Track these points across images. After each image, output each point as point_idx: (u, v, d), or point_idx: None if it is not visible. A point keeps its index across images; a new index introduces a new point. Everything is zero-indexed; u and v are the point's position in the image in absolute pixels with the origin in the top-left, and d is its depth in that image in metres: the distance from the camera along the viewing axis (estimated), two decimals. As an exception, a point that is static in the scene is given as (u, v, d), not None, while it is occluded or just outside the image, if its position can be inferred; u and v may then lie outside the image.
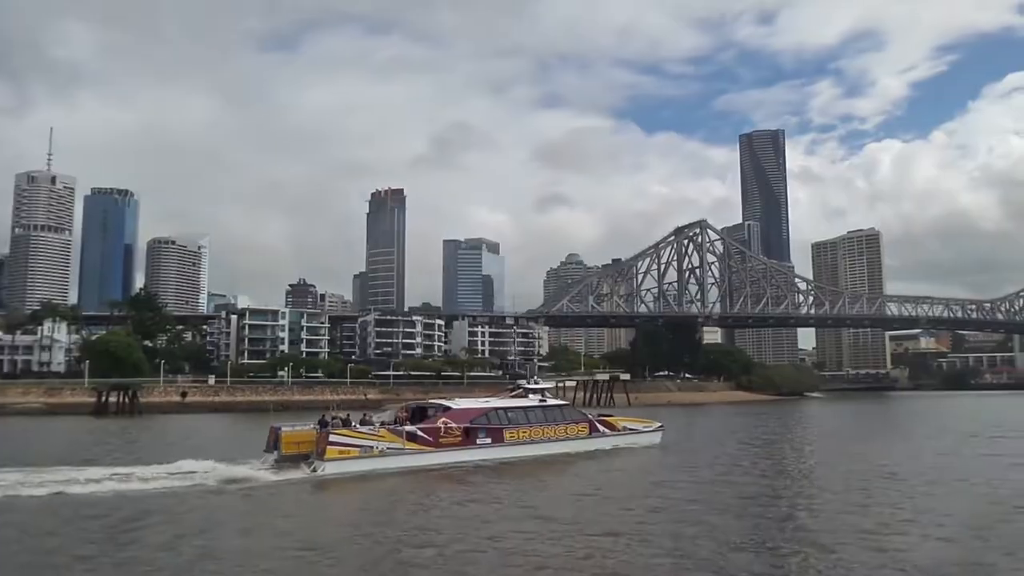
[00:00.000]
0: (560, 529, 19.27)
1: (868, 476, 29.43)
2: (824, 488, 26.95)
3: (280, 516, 21.77)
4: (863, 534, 18.38)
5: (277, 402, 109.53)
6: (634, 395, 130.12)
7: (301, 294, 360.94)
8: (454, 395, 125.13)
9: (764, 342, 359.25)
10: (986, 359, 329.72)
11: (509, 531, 19.07)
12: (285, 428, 31.11)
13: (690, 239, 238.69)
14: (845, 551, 16.68)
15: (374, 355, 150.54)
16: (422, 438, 32.11)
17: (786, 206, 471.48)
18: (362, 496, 26.80)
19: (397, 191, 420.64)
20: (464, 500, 24.41)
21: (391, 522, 20.62)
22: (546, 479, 30.37)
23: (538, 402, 38.83)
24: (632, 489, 27.12)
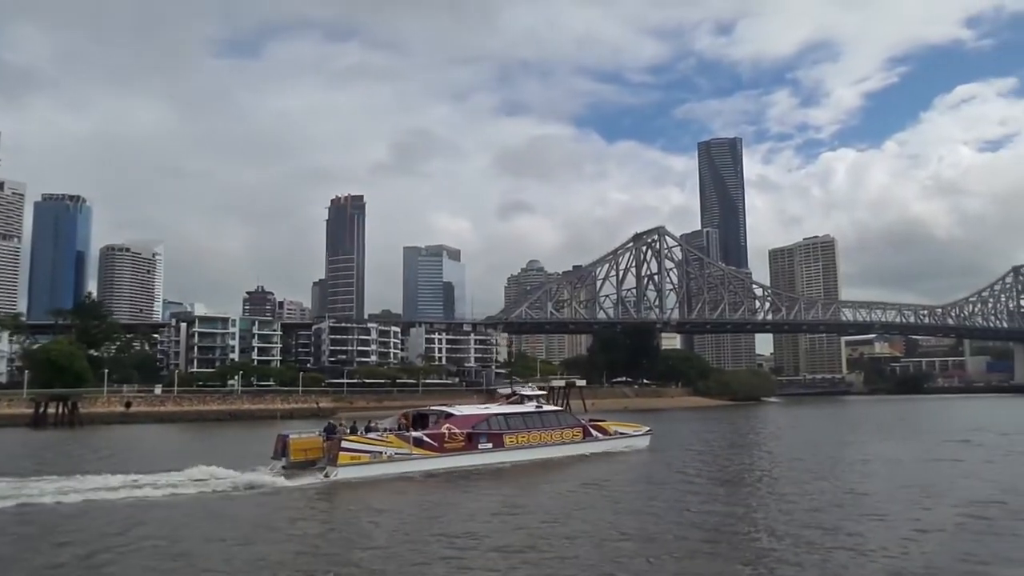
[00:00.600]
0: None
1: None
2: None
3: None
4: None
5: (225, 411, 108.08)
6: (591, 401, 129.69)
7: (259, 302, 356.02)
8: (408, 402, 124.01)
9: (723, 348, 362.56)
10: (938, 363, 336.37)
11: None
12: (293, 435, 32.00)
13: (648, 246, 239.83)
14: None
15: (328, 363, 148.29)
16: (428, 443, 33.42)
17: (744, 213, 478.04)
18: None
19: (357, 198, 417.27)
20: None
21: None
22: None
23: (535, 408, 40.18)
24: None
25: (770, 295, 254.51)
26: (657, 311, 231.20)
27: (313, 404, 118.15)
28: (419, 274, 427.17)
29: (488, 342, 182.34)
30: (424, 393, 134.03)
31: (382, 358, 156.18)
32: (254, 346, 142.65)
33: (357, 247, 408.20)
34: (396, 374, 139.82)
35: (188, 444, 61.49)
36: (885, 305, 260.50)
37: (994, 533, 19.01)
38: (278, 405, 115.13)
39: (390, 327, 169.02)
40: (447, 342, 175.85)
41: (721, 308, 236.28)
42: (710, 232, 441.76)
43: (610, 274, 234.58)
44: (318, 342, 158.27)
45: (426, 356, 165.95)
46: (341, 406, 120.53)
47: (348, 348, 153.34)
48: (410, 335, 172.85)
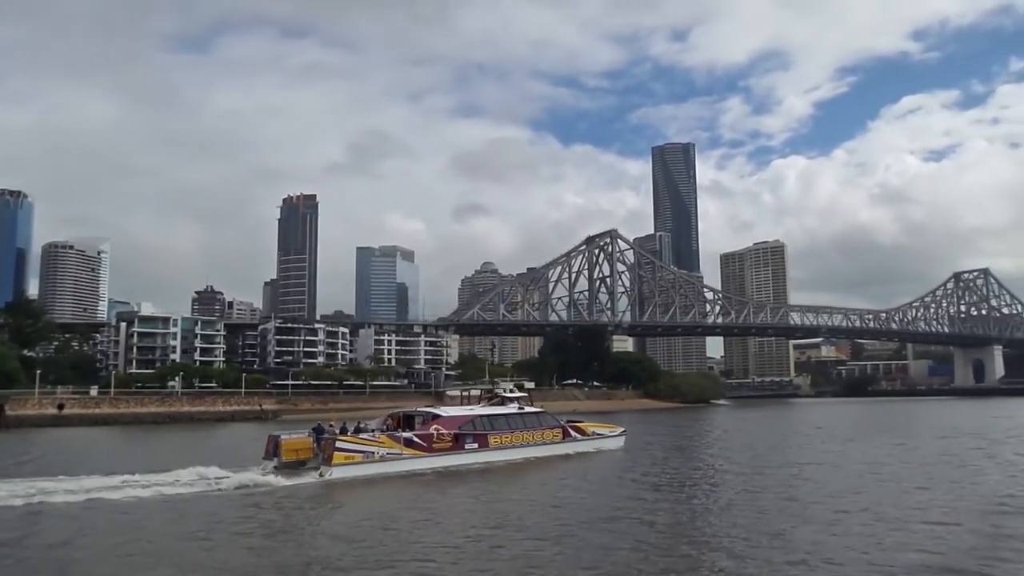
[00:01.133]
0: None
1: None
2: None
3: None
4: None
5: (164, 413, 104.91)
6: (540, 403, 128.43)
7: (208, 301, 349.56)
8: (355, 404, 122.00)
9: (674, 350, 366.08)
10: (883, 367, 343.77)
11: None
12: (284, 436, 33.12)
13: (601, 248, 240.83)
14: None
15: (274, 364, 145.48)
16: (417, 444, 34.49)
17: (696, 218, 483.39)
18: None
19: (310, 197, 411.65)
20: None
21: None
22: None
23: (517, 409, 41.59)
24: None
25: (720, 299, 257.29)
26: (609, 314, 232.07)
27: (256, 406, 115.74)
28: (372, 275, 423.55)
29: (439, 344, 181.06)
30: (371, 395, 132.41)
31: (330, 359, 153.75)
32: (196, 347, 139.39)
33: (309, 247, 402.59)
34: (343, 376, 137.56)
35: (121, 447, 59.39)
36: (832, 309, 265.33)
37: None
38: (219, 407, 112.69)
39: (338, 328, 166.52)
40: (397, 344, 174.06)
41: (672, 311, 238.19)
42: (663, 236, 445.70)
43: (563, 276, 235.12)
44: (264, 343, 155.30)
45: (375, 358, 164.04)
46: (285, 408, 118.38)
47: (294, 349, 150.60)
48: (359, 336, 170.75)
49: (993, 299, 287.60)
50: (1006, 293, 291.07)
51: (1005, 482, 28.85)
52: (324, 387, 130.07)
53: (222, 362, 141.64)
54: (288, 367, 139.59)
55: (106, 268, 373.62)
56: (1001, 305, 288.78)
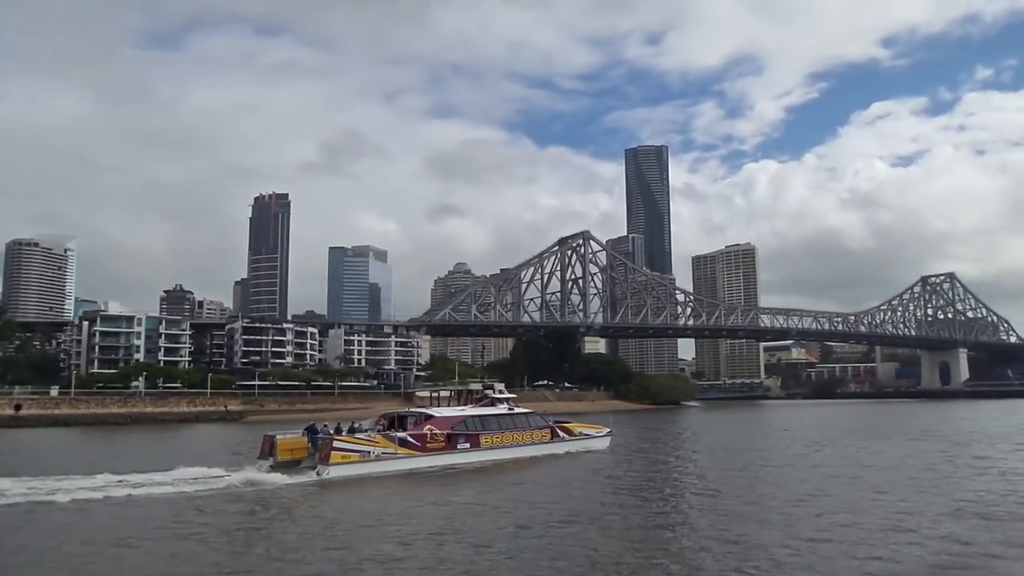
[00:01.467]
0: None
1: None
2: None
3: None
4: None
5: (126, 414, 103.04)
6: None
7: (177, 301, 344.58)
8: (322, 405, 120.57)
9: (646, 352, 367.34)
10: (851, 369, 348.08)
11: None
12: (279, 436, 33.56)
13: (573, 250, 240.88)
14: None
15: (241, 364, 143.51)
16: (412, 443, 35.13)
17: (669, 220, 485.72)
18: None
19: (282, 196, 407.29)
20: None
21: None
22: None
23: (507, 410, 42.70)
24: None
25: (692, 301, 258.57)
26: (581, 315, 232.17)
27: (221, 407, 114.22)
28: (344, 275, 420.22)
29: (409, 344, 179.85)
30: (340, 396, 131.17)
31: (298, 360, 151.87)
32: (161, 346, 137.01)
33: (281, 246, 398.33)
34: (311, 376, 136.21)
35: (79, 449, 57.95)
36: (802, 312, 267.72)
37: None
38: (183, 408, 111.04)
39: (307, 328, 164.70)
40: (367, 344, 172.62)
41: (644, 313, 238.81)
42: (636, 238, 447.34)
43: (535, 277, 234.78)
44: (231, 343, 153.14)
45: (345, 358, 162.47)
46: (251, 409, 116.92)
47: (262, 349, 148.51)
48: (329, 337, 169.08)
49: (959, 303, 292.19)
50: (971, 297, 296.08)
51: (963, 485, 28.74)
52: (291, 388, 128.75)
53: (188, 362, 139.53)
54: (255, 367, 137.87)
55: (73, 266, 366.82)
56: (966, 309, 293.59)
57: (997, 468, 34.53)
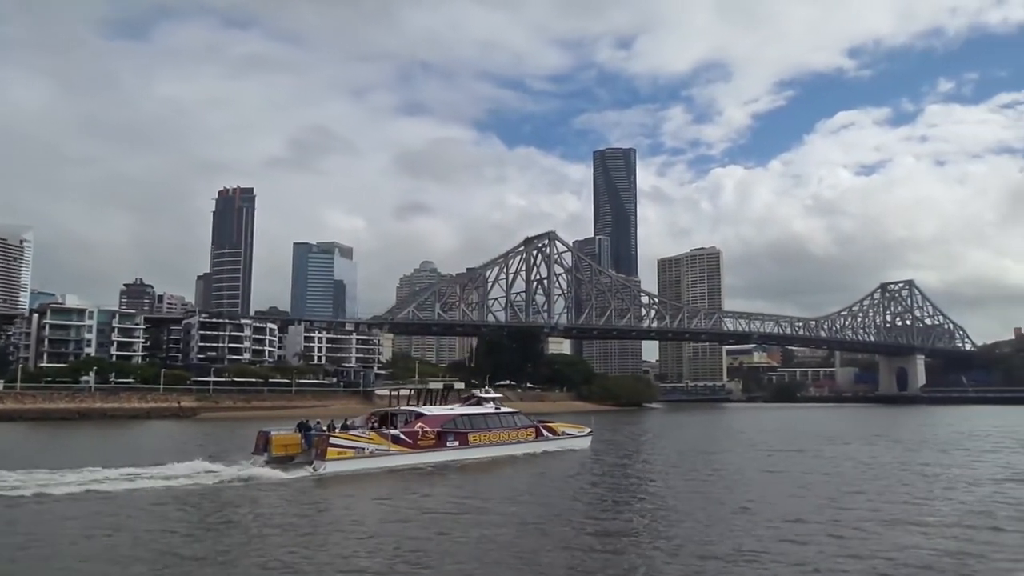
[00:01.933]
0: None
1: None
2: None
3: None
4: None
5: (74, 410, 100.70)
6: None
7: (137, 295, 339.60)
8: (279, 403, 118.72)
9: (611, 354, 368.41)
10: (811, 373, 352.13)
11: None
12: (274, 432, 35.11)
13: (539, 250, 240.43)
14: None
15: (197, 360, 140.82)
16: (404, 440, 36.43)
17: (635, 222, 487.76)
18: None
19: (247, 190, 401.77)
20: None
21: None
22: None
23: (494, 410, 43.78)
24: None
25: (656, 303, 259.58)
26: (545, 316, 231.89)
27: (175, 403, 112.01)
28: (309, 271, 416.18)
29: (371, 342, 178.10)
30: (297, 393, 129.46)
31: (256, 356, 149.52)
32: (114, 340, 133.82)
33: (245, 241, 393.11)
34: (268, 373, 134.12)
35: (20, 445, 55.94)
36: (764, 316, 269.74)
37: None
38: (134, 404, 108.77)
39: (266, 324, 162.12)
40: (328, 341, 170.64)
41: (608, 314, 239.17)
42: (602, 240, 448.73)
43: (500, 277, 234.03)
44: (187, 338, 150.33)
45: (304, 355, 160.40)
46: (205, 406, 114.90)
47: (219, 345, 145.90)
48: (288, 333, 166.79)
49: (917, 310, 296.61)
50: (929, 304, 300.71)
51: (907, 491, 28.49)
52: (248, 384, 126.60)
53: (141, 357, 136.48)
54: (212, 363, 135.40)
55: (29, 258, 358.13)
56: (924, 316, 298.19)
57: (944, 475, 34.46)
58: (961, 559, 17.26)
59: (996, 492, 28.23)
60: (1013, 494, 27.62)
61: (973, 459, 42.82)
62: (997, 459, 42.71)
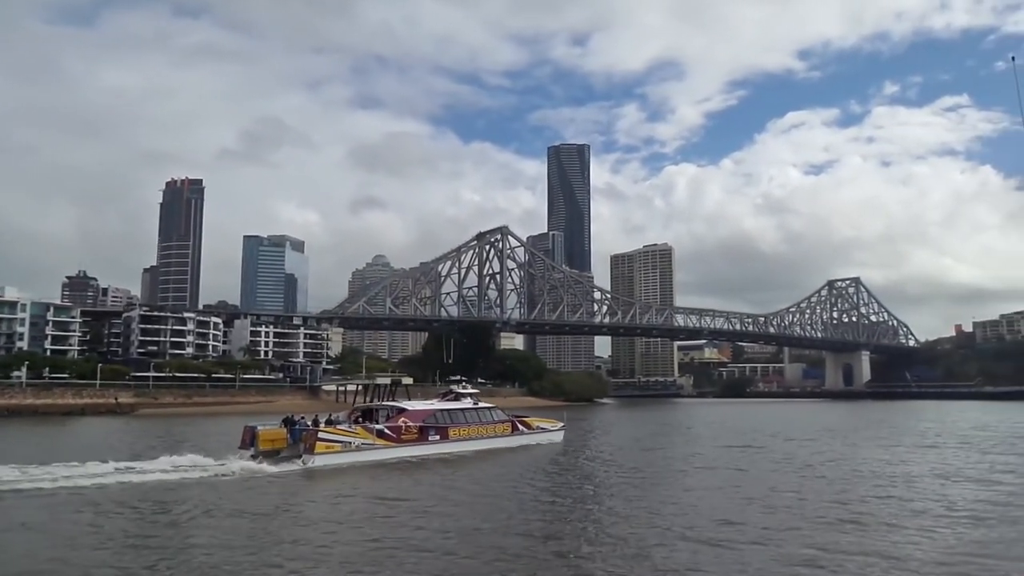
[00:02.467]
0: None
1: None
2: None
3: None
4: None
5: (4, 406, 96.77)
6: (421, 400, 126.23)
7: (80, 288, 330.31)
8: (222, 399, 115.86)
9: (564, 349, 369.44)
10: (760, 369, 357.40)
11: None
12: (260, 427, 35.54)
13: (492, 245, 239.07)
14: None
15: (137, 354, 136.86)
16: (388, 435, 37.56)
17: (589, 218, 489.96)
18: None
19: (195, 181, 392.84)
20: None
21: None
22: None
23: (472, 405, 44.94)
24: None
25: (608, 299, 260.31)
26: (497, 311, 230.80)
27: (111, 399, 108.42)
28: (259, 265, 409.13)
29: (319, 337, 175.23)
30: (241, 389, 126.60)
31: (200, 351, 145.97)
32: (48, 334, 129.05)
33: (193, 233, 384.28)
34: (211, 368, 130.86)
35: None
36: (714, 312, 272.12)
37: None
38: (68, 400, 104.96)
39: (210, 318, 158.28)
40: (275, 336, 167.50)
41: (560, 310, 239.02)
42: (556, 235, 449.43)
43: (452, 272, 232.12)
44: (127, 332, 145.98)
45: (251, 350, 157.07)
46: (144, 402, 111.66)
47: (160, 339, 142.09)
48: (235, 327, 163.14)
49: (862, 307, 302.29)
50: (874, 301, 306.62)
51: (836, 490, 27.98)
52: (189, 380, 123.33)
53: (78, 352, 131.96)
54: (153, 358, 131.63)
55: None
56: (869, 313, 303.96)
57: (871, 471, 34.25)
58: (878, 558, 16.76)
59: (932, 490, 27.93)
60: (944, 492, 27.36)
61: (913, 456, 42.82)
62: (936, 456, 42.76)
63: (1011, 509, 23.50)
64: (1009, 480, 30.57)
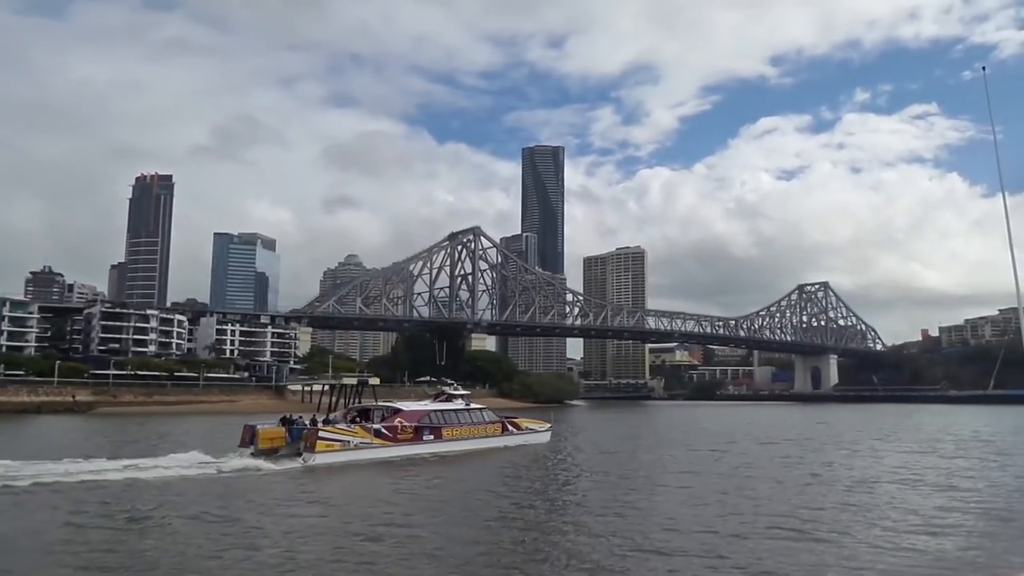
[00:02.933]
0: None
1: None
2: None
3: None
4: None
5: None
6: (387, 400, 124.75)
7: (45, 283, 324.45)
8: (184, 398, 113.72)
9: (536, 351, 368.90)
10: (731, 372, 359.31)
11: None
12: (260, 426, 36.85)
13: (464, 245, 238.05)
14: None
15: (98, 351, 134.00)
16: (385, 434, 38.94)
17: (562, 220, 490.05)
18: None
19: (165, 177, 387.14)
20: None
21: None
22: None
23: (464, 406, 46.53)
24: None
25: (580, 301, 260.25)
26: (469, 311, 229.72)
27: (69, 397, 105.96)
28: (230, 262, 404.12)
29: (287, 336, 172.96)
30: (204, 388, 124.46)
31: (163, 349, 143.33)
32: (3, 330, 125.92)
33: (162, 230, 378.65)
34: (174, 367, 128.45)
35: None
36: (685, 315, 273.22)
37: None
38: (23, 397, 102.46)
39: (174, 315, 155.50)
40: (242, 335, 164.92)
41: (532, 311, 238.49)
42: (529, 237, 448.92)
43: (424, 272, 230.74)
44: (88, 329, 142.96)
45: (216, 349, 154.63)
46: (103, 400, 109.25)
47: (123, 337, 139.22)
48: (199, 325, 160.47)
49: (831, 311, 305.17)
50: (843, 306, 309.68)
51: (786, 499, 27.25)
52: (151, 378, 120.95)
53: (35, 348, 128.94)
54: (114, 356, 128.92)
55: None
56: (838, 317, 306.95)
57: (830, 479, 33.77)
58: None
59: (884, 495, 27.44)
60: (901, 496, 26.89)
61: (874, 460, 42.52)
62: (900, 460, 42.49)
63: (968, 517, 23.00)
64: (968, 486, 30.20)
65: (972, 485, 30.58)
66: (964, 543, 19.25)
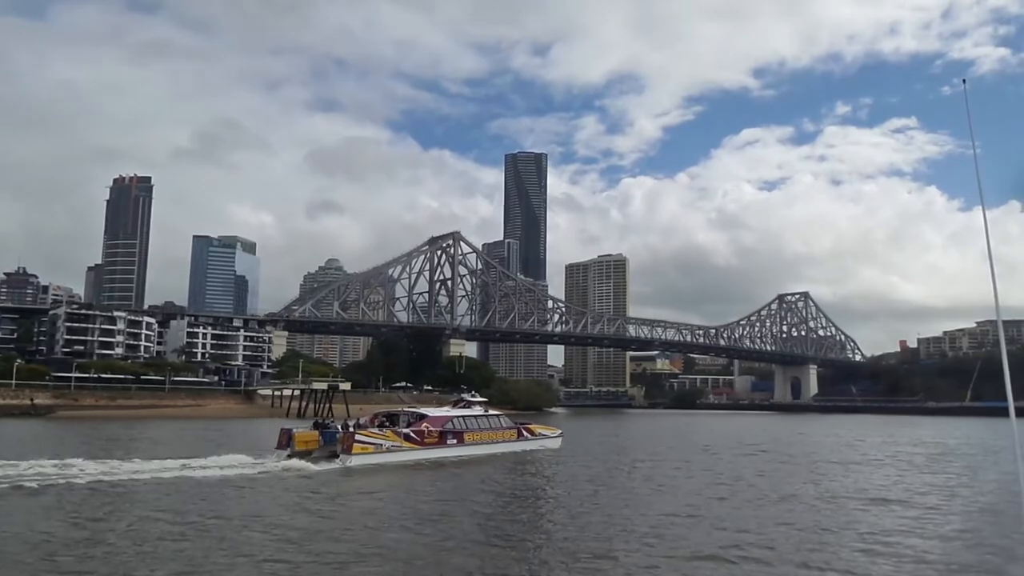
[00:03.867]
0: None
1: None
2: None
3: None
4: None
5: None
6: (360, 406, 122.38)
7: (19, 285, 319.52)
8: (149, 401, 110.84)
9: (517, 358, 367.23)
10: (711, 381, 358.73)
11: None
12: (295, 430, 40.03)
13: (444, 250, 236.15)
14: None
15: (62, 353, 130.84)
16: (413, 438, 41.43)
17: (545, 227, 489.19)
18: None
19: (144, 179, 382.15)
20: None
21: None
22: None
23: (483, 412, 48.84)
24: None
25: (560, 308, 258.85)
26: (448, 317, 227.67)
27: (27, 400, 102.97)
28: (209, 265, 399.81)
29: (260, 340, 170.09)
30: (171, 392, 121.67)
31: (131, 351, 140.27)
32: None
33: (141, 232, 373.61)
34: (140, 370, 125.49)
35: None
36: (666, 324, 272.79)
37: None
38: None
39: (143, 318, 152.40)
40: (213, 338, 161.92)
41: (512, 317, 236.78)
42: (511, 243, 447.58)
43: (403, 276, 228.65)
44: (52, 331, 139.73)
45: (187, 352, 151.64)
46: (63, 403, 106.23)
47: (88, 339, 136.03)
48: (170, 328, 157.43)
49: (811, 321, 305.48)
50: (823, 316, 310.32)
51: (752, 516, 25.59)
52: (115, 381, 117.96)
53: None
54: (78, 358, 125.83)
55: None
56: (818, 327, 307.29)
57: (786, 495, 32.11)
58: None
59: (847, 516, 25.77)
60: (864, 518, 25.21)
61: (845, 475, 40.94)
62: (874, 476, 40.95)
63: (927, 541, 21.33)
64: (931, 502, 28.57)
65: (935, 502, 28.92)
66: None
